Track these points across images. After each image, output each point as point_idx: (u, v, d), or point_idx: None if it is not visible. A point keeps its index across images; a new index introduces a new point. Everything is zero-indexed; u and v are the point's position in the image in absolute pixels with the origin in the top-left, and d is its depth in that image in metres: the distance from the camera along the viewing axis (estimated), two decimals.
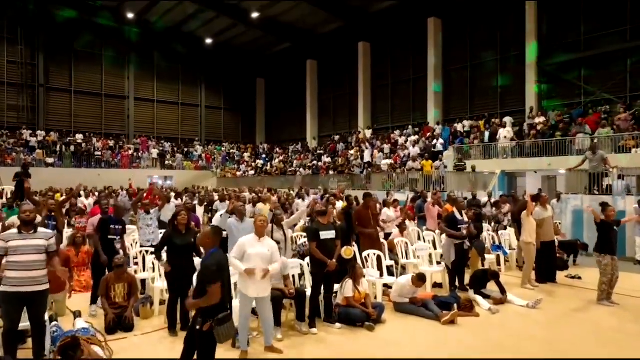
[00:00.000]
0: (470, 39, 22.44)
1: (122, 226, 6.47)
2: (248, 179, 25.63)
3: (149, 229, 7.45)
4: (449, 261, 7.17)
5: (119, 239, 6.25)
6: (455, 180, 14.85)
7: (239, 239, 5.97)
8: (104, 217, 6.75)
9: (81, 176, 23.97)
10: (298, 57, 31.58)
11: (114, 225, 6.31)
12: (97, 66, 29.47)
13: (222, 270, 3.83)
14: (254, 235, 4.89)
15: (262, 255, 4.77)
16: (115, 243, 6.19)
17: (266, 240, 4.95)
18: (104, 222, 6.37)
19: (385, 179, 16.71)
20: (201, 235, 4.09)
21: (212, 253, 3.88)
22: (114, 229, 6.26)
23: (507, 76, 21.03)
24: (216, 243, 3.98)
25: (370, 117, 27.48)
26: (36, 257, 4.30)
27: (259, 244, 4.85)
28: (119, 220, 6.51)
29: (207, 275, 3.70)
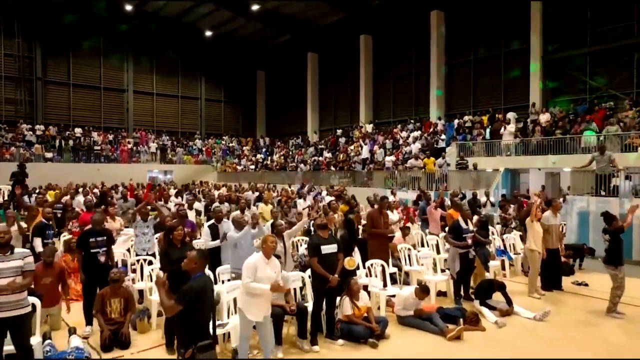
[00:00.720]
0: (473, 33, 22.08)
1: (106, 236, 6.02)
2: (248, 174, 25.44)
3: (145, 237, 7.26)
4: (454, 271, 6.99)
5: (103, 251, 5.86)
6: (457, 178, 14.65)
7: (239, 252, 5.86)
8: (83, 231, 6.41)
9: (80, 171, 23.90)
10: (299, 50, 31.20)
11: (95, 237, 5.85)
12: (95, 59, 29.12)
13: (205, 297, 3.80)
14: (262, 256, 4.69)
15: (271, 278, 4.59)
16: (99, 256, 5.78)
17: (273, 261, 4.77)
18: (82, 237, 5.99)
19: (387, 176, 16.51)
20: (187, 260, 3.96)
21: (199, 277, 3.84)
22: (95, 242, 5.82)
23: (511, 71, 20.71)
24: (202, 267, 3.94)
25: (371, 112, 27.19)
26: (14, 279, 4.08)
27: (268, 266, 4.67)
28: (100, 231, 5.99)
29: (186, 295, 3.66)
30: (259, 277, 4.55)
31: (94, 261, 5.76)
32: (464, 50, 22.52)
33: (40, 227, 7.17)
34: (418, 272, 7.77)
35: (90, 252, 5.76)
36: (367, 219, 7.53)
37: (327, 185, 19.99)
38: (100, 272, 5.72)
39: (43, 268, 5.76)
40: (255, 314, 4.58)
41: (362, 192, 17.85)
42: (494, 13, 21.20)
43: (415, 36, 24.57)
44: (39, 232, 7.08)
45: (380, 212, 7.44)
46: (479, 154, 17.28)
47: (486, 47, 21.62)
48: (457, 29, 22.81)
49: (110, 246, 6.05)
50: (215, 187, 21.48)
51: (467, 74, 22.48)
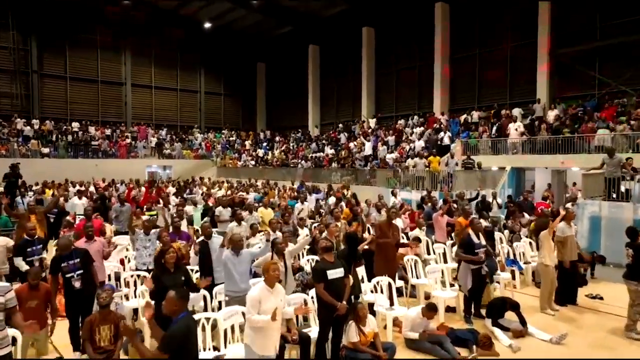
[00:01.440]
0: (479, 26, 21.52)
1: (79, 257, 5.48)
2: (248, 170, 25.04)
3: (147, 250, 6.88)
4: (465, 288, 6.63)
5: (78, 275, 5.35)
6: (463, 178, 14.25)
7: (234, 274, 5.47)
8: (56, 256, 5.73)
9: (78, 167, 23.53)
10: (300, 42, 30.63)
11: (67, 261, 5.34)
12: (92, 51, 28.58)
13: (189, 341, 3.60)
14: (266, 286, 4.32)
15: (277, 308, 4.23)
16: (73, 281, 5.31)
17: (277, 288, 4.39)
18: (53, 262, 5.46)
19: (390, 175, 16.11)
20: (167, 303, 3.64)
21: (181, 319, 3.60)
22: (68, 266, 5.33)
23: (518, 65, 20.19)
24: (183, 307, 3.70)
25: (374, 106, 26.70)
26: None
27: (272, 296, 4.30)
28: (73, 253, 5.46)
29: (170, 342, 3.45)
30: (264, 310, 4.19)
31: (68, 287, 5.34)
32: (469, 44, 21.97)
33: (20, 245, 6.58)
34: (426, 285, 7.41)
35: (65, 277, 5.34)
36: (375, 231, 7.18)
37: (328, 182, 19.64)
38: (77, 298, 5.31)
39: (28, 291, 5.37)
40: (266, 348, 4.24)
41: (365, 191, 17.50)
42: (500, 6, 20.62)
43: (419, 29, 23.98)
44: (19, 251, 6.51)
45: (389, 223, 7.08)
46: (484, 152, 16.86)
47: (492, 41, 21.06)
48: (462, 22, 22.23)
49: (88, 267, 5.57)
50: (216, 184, 21.09)
51: (472, 69, 21.95)
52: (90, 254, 5.76)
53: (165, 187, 19.56)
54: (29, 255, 6.50)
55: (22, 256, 6.46)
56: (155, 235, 7.00)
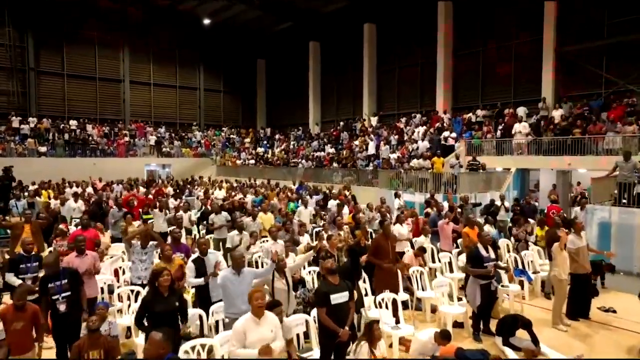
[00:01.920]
0: (482, 23, 21.09)
1: (67, 278, 5.14)
2: (248, 169, 24.71)
3: (142, 264, 6.54)
4: (474, 304, 6.33)
5: (64, 297, 5.02)
6: (467, 180, 13.91)
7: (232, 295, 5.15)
8: (43, 276, 5.43)
9: (75, 166, 23.23)
10: (300, 38, 30.22)
11: (53, 282, 5.02)
12: (90, 48, 28.17)
13: None
14: (252, 317, 4.01)
15: (265, 339, 3.92)
16: (58, 304, 4.97)
17: (266, 318, 4.08)
18: (42, 282, 5.16)
19: (393, 175, 15.78)
20: (150, 346, 3.36)
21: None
22: (54, 287, 5.01)
23: (523, 63, 19.80)
24: (169, 348, 3.48)
25: (375, 103, 26.33)
26: None
27: (260, 327, 3.99)
28: (61, 273, 5.15)
29: None
30: (251, 342, 3.88)
31: (53, 310, 5.01)
32: (473, 41, 21.56)
33: (14, 261, 6.22)
34: (432, 299, 7.11)
35: (51, 299, 5.00)
36: (371, 246, 6.87)
37: (329, 182, 19.34)
38: (62, 322, 4.99)
39: (13, 311, 5.07)
40: None
41: (367, 192, 17.22)
42: (505, 2, 20.21)
43: (421, 26, 23.58)
44: (11, 266, 6.13)
45: (386, 237, 6.77)
46: (488, 152, 16.52)
47: (496, 39, 20.66)
48: (466, 19, 21.81)
49: (76, 288, 5.22)
50: (216, 184, 20.78)
51: (476, 67, 21.56)
52: (80, 275, 5.43)
53: (164, 187, 19.32)
54: (22, 272, 6.13)
55: (14, 272, 6.11)
56: (152, 249, 6.68)
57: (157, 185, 21.87)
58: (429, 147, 17.56)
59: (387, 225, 6.90)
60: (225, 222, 9.91)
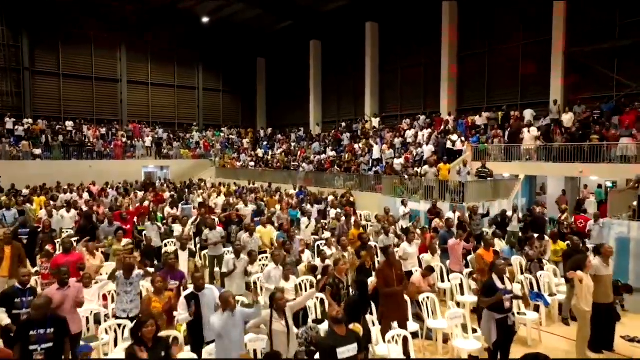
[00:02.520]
0: (488, 22, 20.50)
1: (56, 327, 4.53)
2: (248, 172, 24.18)
3: (127, 296, 6.01)
4: (489, 340, 5.80)
5: (43, 349, 4.39)
6: (475, 188, 13.36)
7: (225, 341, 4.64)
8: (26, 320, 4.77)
9: (71, 169, 22.74)
10: (301, 37, 29.63)
11: (37, 329, 4.41)
12: (86, 47, 27.58)
13: None
14: None
15: None
16: (35, 355, 4.35)
17: None
18: (21, 328, 4.50)
19: (397, 182, 15.23)
20: None
21: None
22: (37, 335, 4.40)
23: (530, 64, 19.21)
24: None
25: (377, 104, 25.77)
26: None
27: None
28: (48, 320, 4.50)
29: None
30: None
31: None
32: (478, 41, 20.99)
33: (7, 294, 5.54)
34: (445, 331, 6.60)
35: (28, 348, 4.35)
36: (377, 276, 6.38)
37: (331, 187, 18.81)
38: None
39: None
40: None
41: (369, 198, 16.70)
42: (511, 2, 19.61)
43: (425, 25, 22.98)
44: (3, 301, 5.44)
45: (390, 265, 6.26)
46: (495, 157, 15.96)
47: (502, 39, 20.07)
48: (471, 18, 21.24)
49: (60, 341, 4.56)
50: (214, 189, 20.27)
51: (481, 67, 20.99)
52: (68, 325, 4.75)
53: (162, 192, 18.79)
54: (17, 308, 5.46)
55: (7, 307, 5.41)
56: (138, 278, 6.17)
57: (155, 190, 21.43)
58: (433, 151, 17.00)
59: (391, 254, 6.38)
60: (219, 239, 9.40)
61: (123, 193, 17.06)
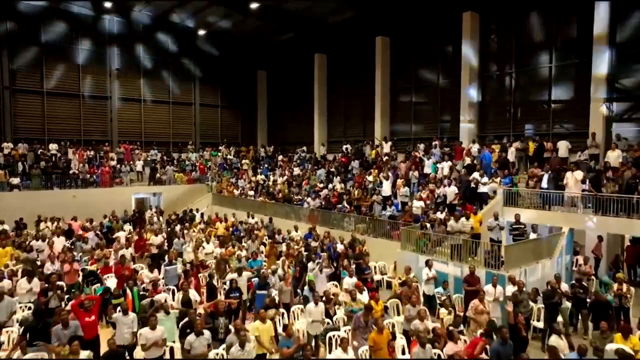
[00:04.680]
0: (517, 39, 18.32)
1: None
2: (247, 202, 22.04)
3: None
4: None
5: None
6: (514, 252, 11.11)
7: None
8: None
9: (53, 199, 20.72)
10: (305, 49, 27.56)
11: None
12: (72, 63, 25.48)
13: None
14: None
15: None
16: None
17: None
18: None
19: (418, 232, 13.03)
20: None
21: None
22: None
23: (565, 89, 17.07)
24: None
25: (388, 125, 23.63)
26: None
27: None
28: None
29: None
30: None
31: None
32: (504, 60, 18.83)
33: None
34: None
35: None
36: None
37: (339, 228, 16.67)
38: None
39: None
40: None
41: (385, 247, 14.57)
42: (544, 16, 17.47)
43: (443, 40, 20.86)
44: None
45: None
46: (531, 202, 13.76)
47: (531, 58, 17.91)
48: (496, 34, 19.10)
49: None
50: (208, 229, 18.22)
51: (507, 89, 18.83)
52: None
53: (149, 232, 16.74)
54: None
55: None
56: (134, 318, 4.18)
57: (143, 225, 19.37)
58: (456, 192, 14.79)
59: None
60: (206, 347, 7.27)
61: (102, 243, 14.90)
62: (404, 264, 12.45)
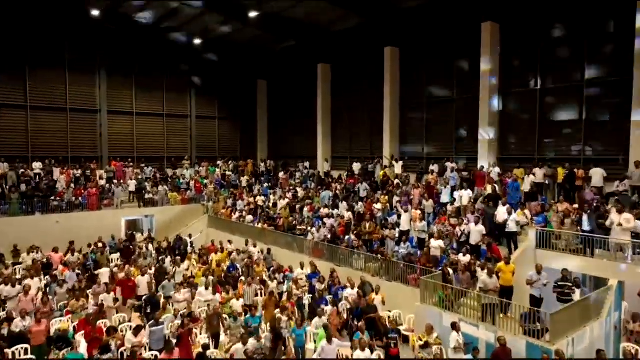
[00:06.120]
0: (543, 52, 16.51)
1: None
2: (245, 228, 20.26)
3: None
4: None
5: None
6: (562, 318, 9.30)
7: None
8: None
9: (35, 226, 18.96)
10: (307, 59, 25.81)
11: None
12: (59, 74, 23.73)
13: None
14: None
15: None
16: None
17: None
18: None
19: (438, 283, 11.24)
20: None
21: None
22: None
23: (600, 109, 15.26)
24: None
25: (397, 142, 21.84)
26: None
27: None
28: None
29: None
30: None
31: None
32: (528, 74, 17.05)
33: None
34: None
35: None
36: None
37: (347, 265, 14.90)
38: None
39: None
40: None
41: (400, 293, 12.82)
42: (573, 27, 15.68)
43: (457, 52, 19.09)
44: None
45: None
46: (569, 246, 11.95)
47: (560, 74, 16.11)
48: (518, 46, 17.28)
49: None
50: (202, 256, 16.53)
51: (531, 108, 17.00)
52: None
53: (134, 272, 14.98)
54: None
55: None
56: None
57: (131, 252, 17.66)
58: (483, 232, 12.97)
59: None
60: None
61: (79, 289, 13.15)
62: (424, 320, 10.74)
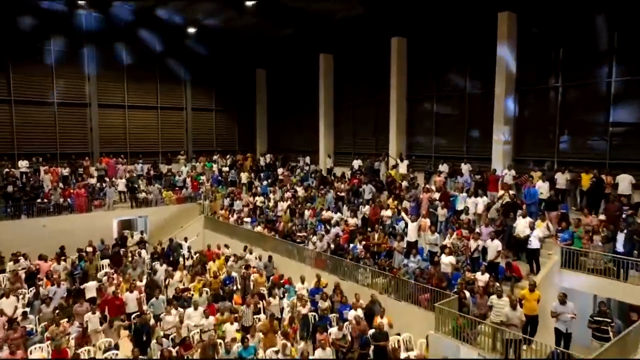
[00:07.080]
0: (565, 46, 15.13)
1: None
2: (244, 232, 19.20)
3: None
4: None
5: None
6: None
7: None
8: None
9: (21, 229, 17.91)
10: (309, 48, 24.39)
11: None
12: (44, 66, 22.38)
13: None
14: None
15: None
16: None
17: None
18: None
19: (454, 307, 10.21)
20: None
21: None
22: None
23: (626, 106, 13.97)
24: None
25: (404, 138, 20.58)
26: None
27: None
28: None
29: None
30: None
31: None
32: (548, 70, 15.68)
33: None
34: None
35: None
36: None
37: (351, 279, 13.86)
38: None
39: None
40: None
41: (410, 314, 11.80)
42: (599, 19, 14.25)
43: (470, 43, 17.68)
44: None
45: None
46: (596, 267, 10.84)
47: (584, 70, 14.76)
48: (538, 39, 15.88)
49: None
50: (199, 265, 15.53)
51: (551, 106, 15.69)
52: None
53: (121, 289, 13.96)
54: None
55: None
56: None
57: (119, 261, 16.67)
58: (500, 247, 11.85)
59: None
60: None
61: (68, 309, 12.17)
62: (439, 353, 9.73)
